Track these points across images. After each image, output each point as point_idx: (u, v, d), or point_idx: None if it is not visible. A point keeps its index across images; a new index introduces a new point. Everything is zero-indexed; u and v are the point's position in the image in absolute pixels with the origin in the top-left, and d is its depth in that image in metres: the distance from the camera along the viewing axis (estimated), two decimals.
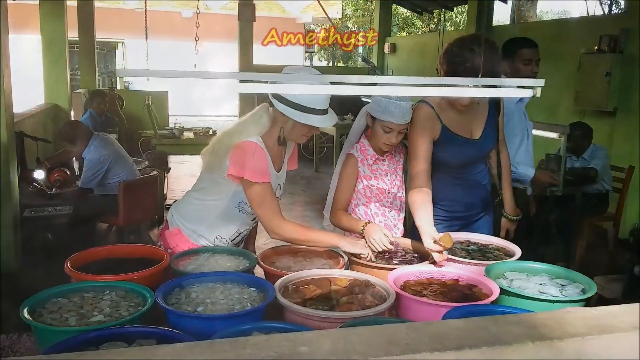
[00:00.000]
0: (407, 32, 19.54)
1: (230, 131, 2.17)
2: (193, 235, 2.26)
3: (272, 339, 0.99)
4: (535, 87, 1.59)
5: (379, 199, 2.47)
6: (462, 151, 2.45)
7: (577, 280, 1.86)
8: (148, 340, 1.33)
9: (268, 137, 2.15)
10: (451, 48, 2.34)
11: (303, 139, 2.18)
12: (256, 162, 2.06)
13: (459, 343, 0.97)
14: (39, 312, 1.50)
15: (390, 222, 2.52)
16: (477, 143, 2.48)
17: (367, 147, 2.46)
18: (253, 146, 2.08)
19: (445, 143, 2.40)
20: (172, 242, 2.26)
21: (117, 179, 4.64)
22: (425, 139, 2.35)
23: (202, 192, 2.27)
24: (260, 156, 2.09)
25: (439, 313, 1.57)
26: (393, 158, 2.53)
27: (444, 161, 2.43)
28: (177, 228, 2.28)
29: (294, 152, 2.41)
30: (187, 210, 2.30)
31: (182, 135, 6.85)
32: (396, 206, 2.53)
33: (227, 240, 2.29)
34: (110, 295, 1.62)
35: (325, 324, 1.52)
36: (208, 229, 2.25)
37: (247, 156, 2.06)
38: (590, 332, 1.02)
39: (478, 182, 2.57)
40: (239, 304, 1.60)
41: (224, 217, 2.23)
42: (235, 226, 2.27)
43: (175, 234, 2.28)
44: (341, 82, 1.56)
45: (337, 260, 2.08)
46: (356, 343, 0.97)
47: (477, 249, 2.22)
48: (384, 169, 2.49)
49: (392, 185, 2.50)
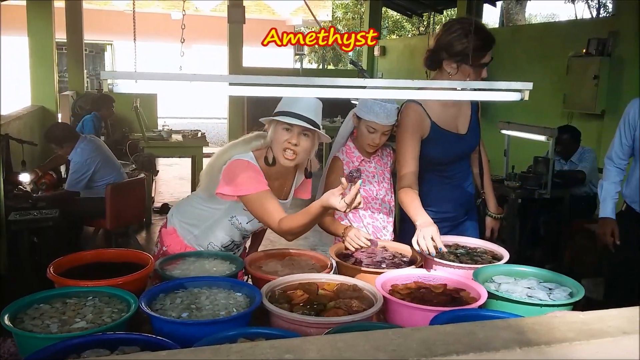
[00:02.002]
0: (396, 35, 19.60)
1: (224, 150, 2.14)
2: (187, 237, 2.25)
3: (257, 346, 0.97)
4: (523, 90, 1.58)
5: (367, 201, 2.46)
6: (451, 147, 2.43)
7: (565, 283, 1.85)
8: (131, 347, 1.31)
9: (261, 158, 2.09)
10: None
11: (285, 158, 2.03)
12: (248, 174, 2.01)
13: (446, 349, 0.96)
14: (20, 318, 1.48)
15: (380, 224, 2.51)
16: (465, 138, 2.47)
17: (353, 149, 2.46)
18: (242, 162, 2.04)
19: (435, 139, 2.38)
20: (167, 240, 2.27)
21: (104, 181, 4.61)
22: (415, 139, 2.34)
23: (201, 199, 2.25)
24: (252, 168, 2.03)
25: (426, 317, 1.56)
26: (380, 161, 2.53)
27: (434, 158, 2.42)
28: (174, 227, 2.28)
29: (305, 181, 2.32)
30: (185, 211, 2.30)
31: (171, 137, 6.81)
32: (385, 209, 2.53)
33: (220, 248, 2.27)
34: (93, 301, 1.59)
35: (313, 329, 1.50)
36: (202, 234, 2.24)
37: (238, 172, 2.01)
38: (578, 337, 1.01)
39: (464, 180, 2.56)
40: (224, 309, 1.58)
41: (218, 226, 2.22)
42: (228, 236, 2.26)
43: (170, 232, 2.28)
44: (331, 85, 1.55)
45: (324, 264, 2.06)
46: (343, 349, 0.95)
47: (466, 253, 2.21)
48: (370, 171, 2.48)
49: (380, 187, 2.50)
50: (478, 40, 2.21)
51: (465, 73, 2.28)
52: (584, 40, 6.39)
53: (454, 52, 2.26)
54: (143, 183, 5.11)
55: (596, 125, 6.31)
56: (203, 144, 6.77)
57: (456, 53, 2.26)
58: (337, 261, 2.05)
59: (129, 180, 4.89)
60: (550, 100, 6.85)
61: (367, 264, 2.07)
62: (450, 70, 2.30)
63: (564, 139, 5.05)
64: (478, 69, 2.29)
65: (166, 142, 6.68)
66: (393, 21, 19.95)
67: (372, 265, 2.05)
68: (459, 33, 2.25)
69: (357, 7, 19.97)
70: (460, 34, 2.24)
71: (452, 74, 2.31)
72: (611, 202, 3.20)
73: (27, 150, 4.99)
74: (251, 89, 1.52)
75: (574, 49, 6.56)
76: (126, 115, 8.35)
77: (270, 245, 5.78)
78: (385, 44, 12.35)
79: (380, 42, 12.26)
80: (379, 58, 12.09)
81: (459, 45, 2.24)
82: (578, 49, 6.50)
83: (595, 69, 6.11)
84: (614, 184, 3.20)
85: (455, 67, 2.29)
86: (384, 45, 12.10)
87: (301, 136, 2.02)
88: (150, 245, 5.62)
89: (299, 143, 2.02)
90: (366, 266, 2.02)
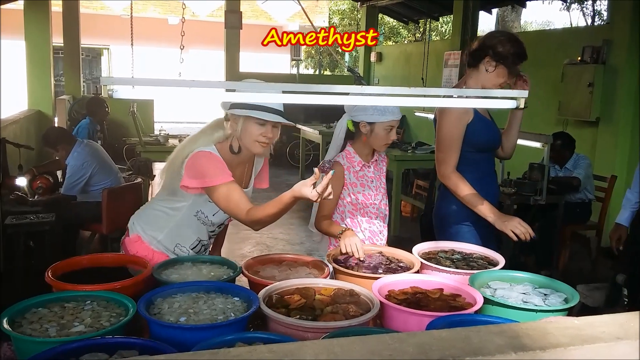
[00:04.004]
0: (393, 41, 19.66)
1: (184, 144, 2.16)
2: (153, 242, 2.24)
3: (255, 350, 0.98)
4: (519, 98, 1.60)
5: (365, 206, 2.49)
6: (495, 133, 2.71)
7: (560, 289, 1.87)
8: (130, 351, 1.32)
9: (224, 148, 2.12)
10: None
11: (257, 147, 2.09)
12: (213, 166, 2.03)
13: (441, 354, 0.97)
14: (19, 322, 1.48)
15: (376, 228, 2.54)
16: (496, 126, 2.73)
17: (353, 155, 2.49)
18: (206, 154, 2.06)
19: (480, 126, 2.61)
20: (132, 249, 2.24)
21: (100, 186, 4.60)
22: (462, 127, 2.57)
23: (162, 201, 2.25)
24: (216, 160, 2.06)
25: (422, 322, 1.57)
26: (377, 166, 2.57)
27: (482, 144, 2.64)
28: (137, 235, 2.26)
29: (263, 170, 2.38)
30: (147, 218, 2.28)
31: (167, 142, 6.80)
32: (381, 214, 2.56)
33: (188, 249, 2.27)
34: (91, 305, 1.59)
35: (310, 334, 1.51)
36: (167, 237, 2.24)
37: (201, 164, 2.04)
38: (572, 342, 1.02)
39: (495, 176, 2.81)
40: (222, 314, 1.59)
41: (183, 225, 2.22)
42: (194, 234, 2.26)
43: (135, 240, 2.25)
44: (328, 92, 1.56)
45: (321, 269, 2.07)
46: (339, 354, 0.96)
47: (461, 258, 2.23)
48: (369, 176, 2.52)
49: (377, 192, 2.53)
50: (517, 48, 2.54)
51: (500, 74, 2.56)
52: (579, 48, 6.44)
53: (497, 52, 2.53)
54: (139, 188, 5.10)
55: (590, 132, 6.35)
56: None
57: (498, 54, 2.53)
58: (333, 266, 2.06)
59: (125, 185, 4.88)
60: (545, 107, 6.89)
61: (364, 268, 2.08)
62: (489, 68, 2.57)
63: (559, 145, 5.08)
64: (510, 74, 2.59)
65: (163, 146, 6.67)
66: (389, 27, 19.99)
67: (369, 271, 2.07)
68: (504, 38, 2.55)
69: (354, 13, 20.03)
70: (505, 40, 2.54)
71: (489, 71, 2.57)
72: (628, 211, 3.38)
73: (24, 155, 4.98)
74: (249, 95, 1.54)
75: (569, 57, 6.62)
76: (123, 120, 8.35)
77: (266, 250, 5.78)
78: (381, 50, 12.39)
79: (377, 48, 12.30)
80: (375, 64, 12.13)
81: (502, 47, 2.53)
82: (573, 57, 6.55)
83: (589, 77, 6.16)
84: (637, 194, 3.35)
85: (494, 65, 2.55)
86: (380, 51, 12.14)
87: (273, 129, 2.09)
88: None
89: (272, 135, 2.09)
90: (363, 271, 2.03)
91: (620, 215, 3.40)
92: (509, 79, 2.59)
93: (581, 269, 5.35)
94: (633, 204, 3.33)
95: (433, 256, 2.22)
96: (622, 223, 3.36)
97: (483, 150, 2.66)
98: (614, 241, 3.37)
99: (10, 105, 7.45)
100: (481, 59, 2.58)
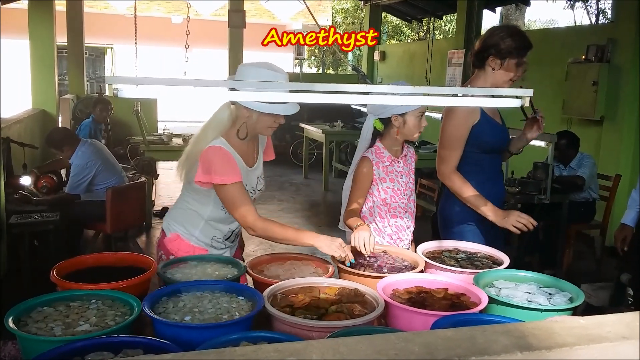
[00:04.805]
0: (396, 40, 19.64)
1: (195, 139, 2.19)
2: (192, 239, 2.28)
3: (261, 349, 0.98)
4: (524, 97, 1.60)
5: (394, 201, 2.51)
6: (502, 135, 2.67)
7: (565, 288, 1.87)
8: (135, 350, 1.32)
9: (232, 135, 2.17)
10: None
11: (269, 131, 2.18)
12: (223, 164, 2.08)
13: (447, 353, 0.97)
14: (24, 321, 1.48)
15: (404, 223, 2.56)
16: (504, 128, 2.70)
17: (382, 150, 2.51)
18: (217, 150, 2.10)
19: (486, 127, 2.58)
20: (173, 248, 2.28)
21: (104, 185, 4.61)
22: (467, 128, 2.55)
23: (188, 199, 2.29)
24: (226, 158, 2.10)
25: (427, 322, 1.56)
26: (406, 161, 2.59)
27: (488, 145, 2.61)
28: (176, 233, 2.30)
29: (268, 143, 2.43)
30: (181, 217, 2.32)
31: (171, 141, 6.82)
32: (409, 209, 2.58)
33: (223, 240, 2.32)
34: (96, 304, 1.60)
35: (314, 333, 1.51)
36: (202, 233, 2.28)
37: (213, 161, 2.08)
38: (578, 342, 1.02)
39: (501, 177, 2.81)
40: (227, 313, 1.59)
41: (213, 220, 2.26)
42: (226, 226, 2.30)
43: (174, 239, 2.29)
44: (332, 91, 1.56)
45: (325, 268, 2.07)
46: (345, 353, 0.96)
47: (466, 257, 2.22)
48: (399, 171, 2.54)
49: (406, 187, 2.55)
50: (520, 41, 2.52)
51: (507, 70, 2.54)
52: (583, 47, 6.42)
53: (499, 49, 2.51)
54: (143, 187, 5.12)
55: (595, 131, 6.34)
56: None
57: (501, 50, 2.51)
58: (338, 266, 2.06)
59: (129, 184, 4.89)
60: (549, 106, 6.86)
61: (369, 267, 2.08)
62: (494, 67, 2.55)
63: (563, 144, 5.07)
64: (519, 67, 2.55)
65: (167, 145, 6.68)
66: (393, 26, 19.99)
67: (373, 270, 2.06)
68: (505, 34, 2.53)
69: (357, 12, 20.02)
70: (505, 35, 2.52)
71: (495, 69, 2.55)
72: (634, 211, 3.38)
73: (28, 154, 5.01)
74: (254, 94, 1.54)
75: (573, 55, 6.60)
76: (127, 119, 8.36)
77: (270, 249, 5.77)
78: (385, 48, 12.38)
79: (380, 47, 12.29)
80: (378, 63, 12.12)
81: (504, 43, 2.51)
82: (577, 55, 6.53)
83: (594, 75, 6.14)
84: None
85: (499, 63, 2.53)
86: (383, 50, 12.13)
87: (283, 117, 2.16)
88: (150, 249, 5.62)
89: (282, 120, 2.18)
90: (367, 271, 2.03)
91: (625, 215, 3.38)
92: (519, 72, 2.57)
93: (585, 268, 5.34)
94: (638, 204, 3.31)
95: (437, 255, 2.22)
96: (628, 223, 3.35)
97: (488, 151, 2.65)
98: (619, 241, 3.35)
99: (14, 105, 7.47)
100: (486, 58, 2.57)
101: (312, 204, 7.77)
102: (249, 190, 2.22)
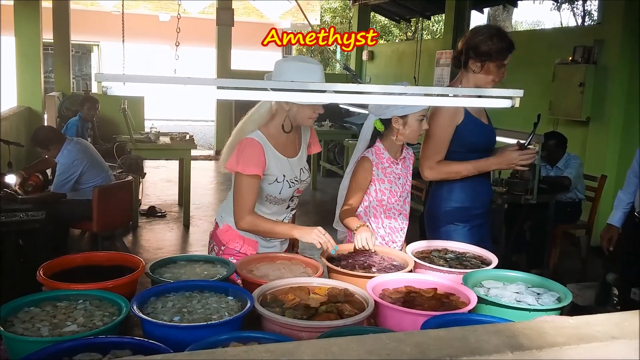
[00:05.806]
0: (384, 40, 19.67)
1: (236, 130, 2.30)
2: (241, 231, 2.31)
3: (252, 350, 0.97)
4: (514, 97, 1.60)
5: (390, 202, 2.51)
6: (488, 135, 2.65)
7: (553, 288, 1.88)
8: (123, 350, 1.31)
9: (271, 128, 2.24)
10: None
11: (310, 122, 2.25)
12: (250, 156, 2.16)
13: (439, 353, 0.97)
14: (11, 321, 1.46)
15: (398, 225, 2.56)
16: (491, 128, 2.68)
17: (383, 151, 2.51)
18: (249, 142, 2.19)
19: (471, 127, 2.56)
20: (225, 238, 2.34)
21: (91, 184, 4.57)
22: (452, 128, 2.52)
23: None
24: (256, 151, 2.18)
25: (417, 322, 1.57)
26: (405, 163, 2.59)
27: (473, 145, 2.58)
28: (227, 225, 2.35)
29: (313, 136, 2.47)
30: (230, 209, 2.33)
31: (158, 140, 6.76)
32: (404, 211, 2.59)
33: None
34: (84, 305, 1.58)
35: (305, 333, 1.51)
36: None
37: (242, 151, 2.17)
38: (568, 341, 1.02)
39: (489, 177, 2.79)
40: (216, 313, 1.58)
41: (259, 210, 2.29)
42: (273, 215, 2.33)
43: (226, 230, 2.35)
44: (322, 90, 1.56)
45: (315, 268, 2.07)
46: (337, 354, 0.96)
47: (455, 257, 2.23)
48: (397, 173, 2.54)
49: (403, 190, 2.56)
50: (501, 43, 2.47)
51: (488, 72, 2.51)
52: (570, 48, 6.47)
53: (479, 52, 2.48)
54: (130, 185, 5.08)
55: (581, 132, 6.39)
56: (191, 146, 6.73)
57: (481, 53, 2.48)
58: (327, 265, 2.06)
59: (116, 183, 4.85)
60: (535, 107, 6.88)
61: (358, 267, 2.08)
62: (475, 69, 2.52)
63: (550, 144, 5.11)
64: (500, 69, 2.51)
65: (154, 144, 6.63)
66: (381, 26, 20.00)
67: (362, 270, 2.06)
68: (485, 36, 2.48)
69: (346, 11, 20.02)
70: (486, 37, 2.48)
71: (476, 72, 2.52)
72: (620, 211, 3.37)
73: (14, 152, 4.93)
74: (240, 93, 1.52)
75: (560, 57, 6.64)
76: (113, 117, 8.29)
77: None
78: (373, 48, 12.37)
79: (369, 47, 12.30)
80: (367, 62, 12.13)
81: (484, 46, 2.47)
82: (564, 57, 6.58)
83: (580, 77, 6.19)
84: (629, 195, 3.35)
85: (479, 65, 2.51)
86: (372, 49, 12.14)
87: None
88: (137, 249, 5.58)
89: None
90: (356, 270, 2.03)
91: (612, 215, 3.40)
92: (500, 74, 2.54)
93: (571, 268, 5.39)
94: (625, 205, 3.33)
95: (427, 255, 2.23)
96: (614, 224, 3.36)
97: (474, 151, 2.63)
98: (605, 241, 3.37)
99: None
100: (467, 60, 2.55)
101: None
102: (292, 180, 2.29)
